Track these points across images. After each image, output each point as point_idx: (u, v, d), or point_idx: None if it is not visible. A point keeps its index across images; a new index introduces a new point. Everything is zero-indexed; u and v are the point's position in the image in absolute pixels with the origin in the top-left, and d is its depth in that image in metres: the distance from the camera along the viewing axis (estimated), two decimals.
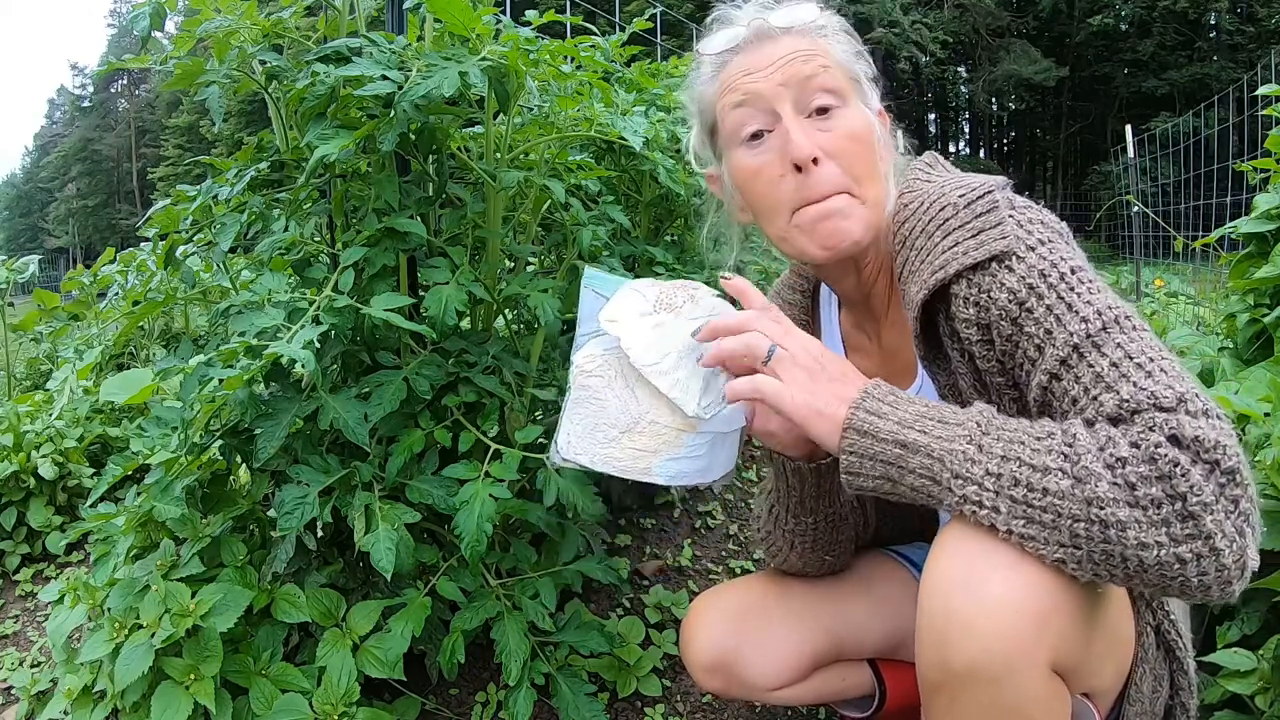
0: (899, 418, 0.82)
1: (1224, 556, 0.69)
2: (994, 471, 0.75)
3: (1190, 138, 5.63)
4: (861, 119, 0.96)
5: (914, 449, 0.80)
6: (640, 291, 0.95)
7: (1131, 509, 0.70)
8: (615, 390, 0.92)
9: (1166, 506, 0.69)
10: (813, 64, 0.94)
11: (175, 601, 1.26)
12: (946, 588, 0.78)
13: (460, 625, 1.31)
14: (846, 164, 0.93)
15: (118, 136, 55.35)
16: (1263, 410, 1.52)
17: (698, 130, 1.08)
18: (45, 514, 2.30)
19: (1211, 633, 1.25)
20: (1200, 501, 0.68)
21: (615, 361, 0.92)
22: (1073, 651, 0.79)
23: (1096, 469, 0.71)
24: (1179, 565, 0.69)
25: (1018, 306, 0.83)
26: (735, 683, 1.15)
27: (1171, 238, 5.98)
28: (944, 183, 0.95)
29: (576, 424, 0.92)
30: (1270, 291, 2.19)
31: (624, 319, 0.92)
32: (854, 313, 1.12)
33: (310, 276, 1.33)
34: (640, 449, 0.92)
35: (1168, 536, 0.69)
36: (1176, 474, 0.69)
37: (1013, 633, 0.74)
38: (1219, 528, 0.68)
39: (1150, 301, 4.91)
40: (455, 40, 1.32)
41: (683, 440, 0.93)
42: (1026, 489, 0.74)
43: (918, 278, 0.91)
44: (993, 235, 0.85)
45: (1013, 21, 29.05)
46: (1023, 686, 0.75)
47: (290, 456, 1.31)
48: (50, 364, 3.55)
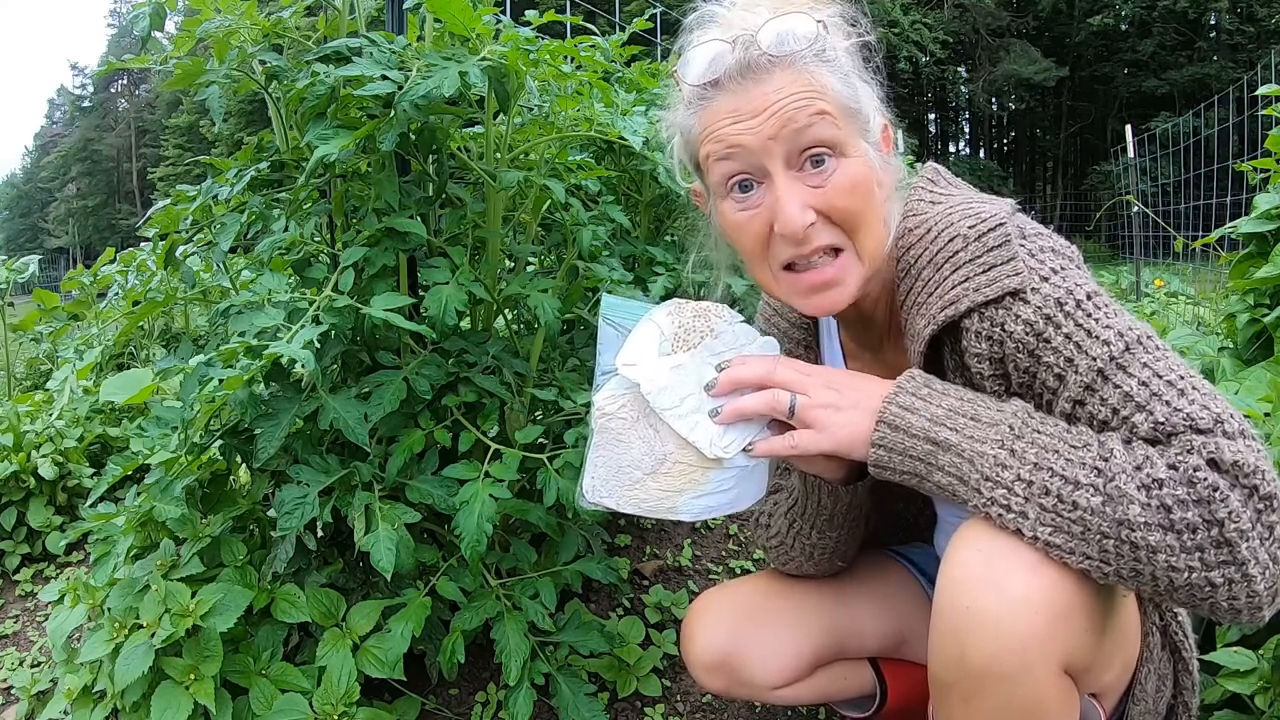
0: (931, 414, 0.81)
1: (1256, 583, 0.69)
2: (1025, 478, 0.75)
3: (1190, 138, 5.63)
4: (859, 167, 0.86)
5: (945, 447, 0.80)
6: (658, 325, 0.91)
7: (1165, 533, 0.69)
8: (638, 431, 0.90)
9: (1202, 532, 0.69)
10: (806, 112, 0.83)
11: (175, 601, 1.26)
12: (967, 584, 0.77)
13: (460, 625, 1.31)
14: (841, 218, 0.86)
15: (118, 136, 55.35)
16: (1263, 410, 1.52)
17: (681, 152, 0.97)
18: (45, 514, 2.30)
19: (1211, 632, 1.25)
20: (1237, 528, 0.68)
21: (636, 402, 0.89)
22: (1085, 653, 0.79)
23: (1130, 490, 0.70)
24: (1209, 589, 0.70)
25: (1035, 338, 0.81)
26: (737, 682, 1.15)
27: (1171, 238, 5.99)
28: (950, 207, 0.91)
29: (600, 466, 0.90)
30: (1270, 291, 2.19)
31: (642, 360, 0.90)
32: (853, 331, 1.09)
33: (310, 276, 1.33)
34: (666, 489, 0.91)
35: (1200, 561, 0.69)
36: (1215, 499, 0.69)
37: (1031, 631, 0.74)
38: (1254, 554, 0.68)
39: (1150, 301, 4.91)
40: (455, 40, 1.32)
41: (709, 477, 0.91)
42: (1057, 499, 0.74)
43: (924, 311, 0.88)
44: (1006, 271, 0.82)
45: (1013, 21, 29.04)
46: (1036, 685, 0.76)
47: (290, 456, 1.31)
48: (50, 364, 3.56)
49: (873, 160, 0.89)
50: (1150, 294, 5.33)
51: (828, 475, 0.96)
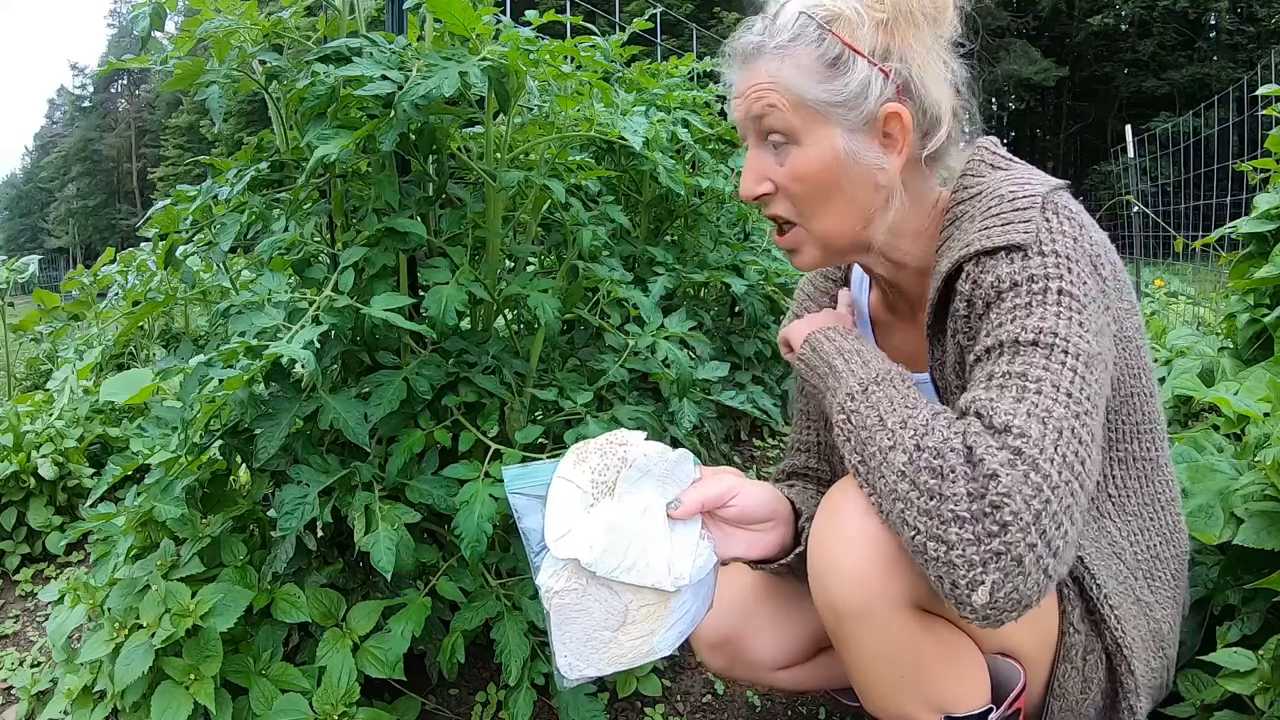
0: (839, 347, 0.99)
1: (956, 572, 0.73)
2: (861, 412, 0.87)
3: (1190, 138, 5.63)
4: (812, 158, 0.94)
5: (834, 373, 0.96)
6: (572, 481, 0.90)
7: (910, 488, 0.77)
8: (593, 595, 0.89)
9: (933, 501, 0.75)
10: (760, 104, 0.95)
11: (175, 601, 1.26)
12: (819, 534, 0.90)
13: (460, 625, 1.31)
14: (793, 200, 0.98)
15: (118, 136, 55.35)
16: (1262, 410, 1.52)
17: None
18: (45, 514, 2.30)
19: (1211, 633, 1.25)
20: (954, 512, 0.73)
21: (581, 570, 0.88)
22: (936, 597, 0.84)
23: (907, 442, 0.79)
24: (923, 557, 0.76)
25: (995, 294, 0.86)
26: (739, 661, 1.16)
27: (1171, 238, 5.99)
28: (1008, 175, 0.96)
29: (570, 642, 0.90)
30: (1270, 291, 2.19)
31: (572, 527, 0.88)
32: (887, 294, 1.14)
33: (310, 276, 1.33)
34: (638, 635, 0.92)
35: (923, 526, 0.75)
36: (948, 477, 0.74)
37: (861, 568, 0.84)
38: (960, 545, 0.72)
39: (1150, 301, 4.91)
40: (455, 40, 1.32)
41: (671, 606, 0.93)
42: (869, 434, 0.85)
43: (949, 255, 0.93)
44: (1018, 229, 0.87)
45: (1013, 21, 29.05)
46: (889, 622, 0.85)
47: (290, 456, 1.31)
48: (50, 364, 3.56)
49: (840, 151, 0.93)
50: (1150, 294, 5.32)
51: (753, 555, 1.02)
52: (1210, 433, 1.55)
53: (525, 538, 0.90)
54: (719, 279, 2.08)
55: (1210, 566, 1.31)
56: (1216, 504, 1.30)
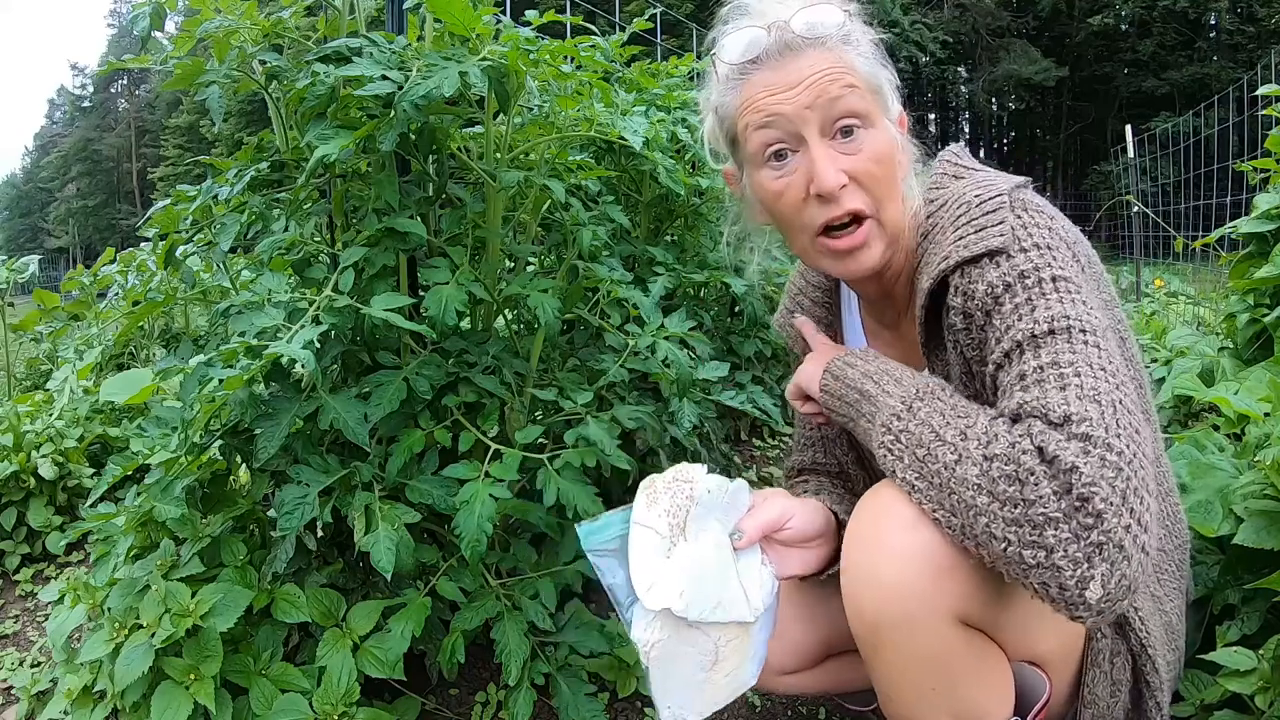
0: (864, 370, 0.97)
1: (1064, 575, 0.72)
2: (911, 430, 0.85)
3: (1190, 138, 5.63)
4: (885, 139, 0.94)
5: (866, 397, 0.94)
6: (649, 527, 0.92)
7: (990, 500, 0.75)
8: (684, 638, 0.92)
9: (1020, 509, 0.73)
10: (838, 84, 0.91)
11: (175, 601, 1.26)
12: (858, 542, 0.88)
13: (460, 625, 1.31)
14: (870, 187, 0.94)
15: (118, 136, 55.35)
16: (1263, 410, 1.52)
17: (716, 133, 1.04)
18: (45, 514, 2.30)
19: (1211, 632, 1.25)
20: (1045, 514, 0.72)
21: (672, 616, 0.90)
22: (981, 607, 0.84)
23: (975, 453, 0.78)
24: (1021, 567, 0.74)
25: (992, 300, 0.86)
26: None
27: (1171, 238, 5.99)
28: (970, 181, 0.98)
29: (672, 693, 0.92)
30: (1270, 291, 2.19)
31: (658, 578, 0.90)
32: (874, 309, 1.14)
33: (310, 276, 1.33)
34: (728, 672, 0.95)
35: (1015, 536, 0.74)
36: (1029, 482, 0.73)
37: (908, 581, 0.82)
38: (1061, 546, 0.71)
39: (1150, 301, 4.91)
40: (455, 40, 1.32)
41: (752, 635, 0.96)
42: (926, 451, 0.82)
43: (928, 270, 0.94)
44: (992, 233, 0.88)
45: (1013, 21, 29.06)
46: (928, 635, 0.83)
47: (290, 456, 1.31)
48: (50, 364, 3.56)
49: (894, 136, 0.96)
50: (1150, 294, 5.32)
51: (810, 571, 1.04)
52: (1210, 432, 1.55)
53: (611, 593, 0.91)
54: (719, 279, 2.08)
55: (1210, 566, 1.31)
56: (1216, 500, 1.31)
